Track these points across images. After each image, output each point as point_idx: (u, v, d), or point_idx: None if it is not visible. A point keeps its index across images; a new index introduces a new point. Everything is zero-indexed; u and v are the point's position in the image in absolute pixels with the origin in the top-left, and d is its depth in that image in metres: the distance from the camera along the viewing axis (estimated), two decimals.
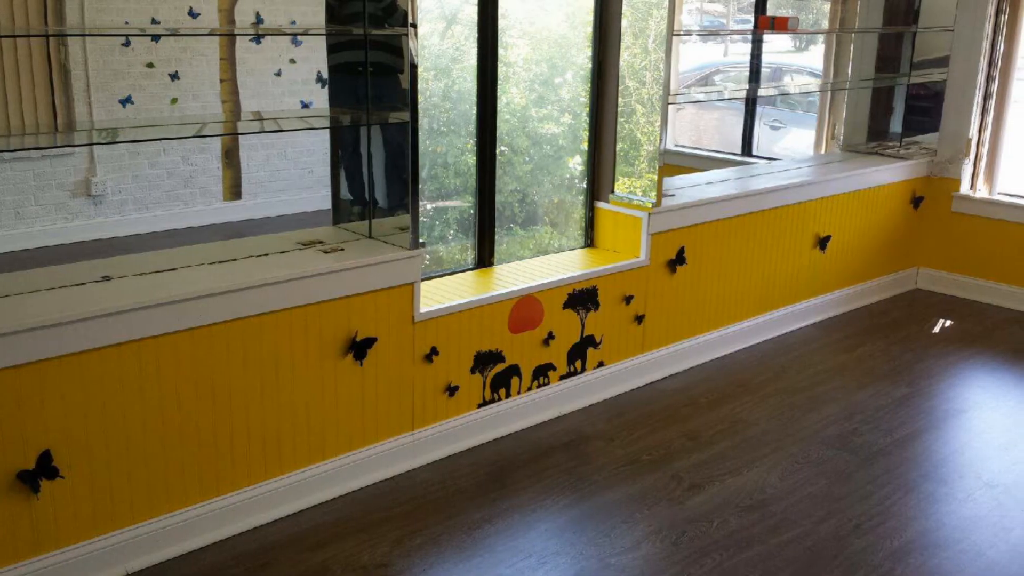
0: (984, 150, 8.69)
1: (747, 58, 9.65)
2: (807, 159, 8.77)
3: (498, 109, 6.04)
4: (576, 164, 6.63)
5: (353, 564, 4.53)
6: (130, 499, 4.39)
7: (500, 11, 5.85)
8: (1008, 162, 8.78)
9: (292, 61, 11.22)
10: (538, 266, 6.19)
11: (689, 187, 7.12)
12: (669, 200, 6.55)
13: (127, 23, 9.92)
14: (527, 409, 5.96)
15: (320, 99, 10.93)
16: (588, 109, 6.51)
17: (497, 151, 6.09)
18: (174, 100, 10.37)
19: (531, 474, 5.41)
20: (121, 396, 4.25)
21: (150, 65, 10.21)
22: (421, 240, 5.18)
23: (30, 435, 4.05)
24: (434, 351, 5.37)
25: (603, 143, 6.52)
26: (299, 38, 11.18)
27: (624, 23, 6.27)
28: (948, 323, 8.15)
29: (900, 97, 8.91)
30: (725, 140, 10.93)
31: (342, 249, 5.06)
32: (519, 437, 5.84)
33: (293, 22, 10.61)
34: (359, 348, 5.01)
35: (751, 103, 9.97)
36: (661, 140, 6.27)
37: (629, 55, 6.31)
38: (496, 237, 6.23)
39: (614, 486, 5.31)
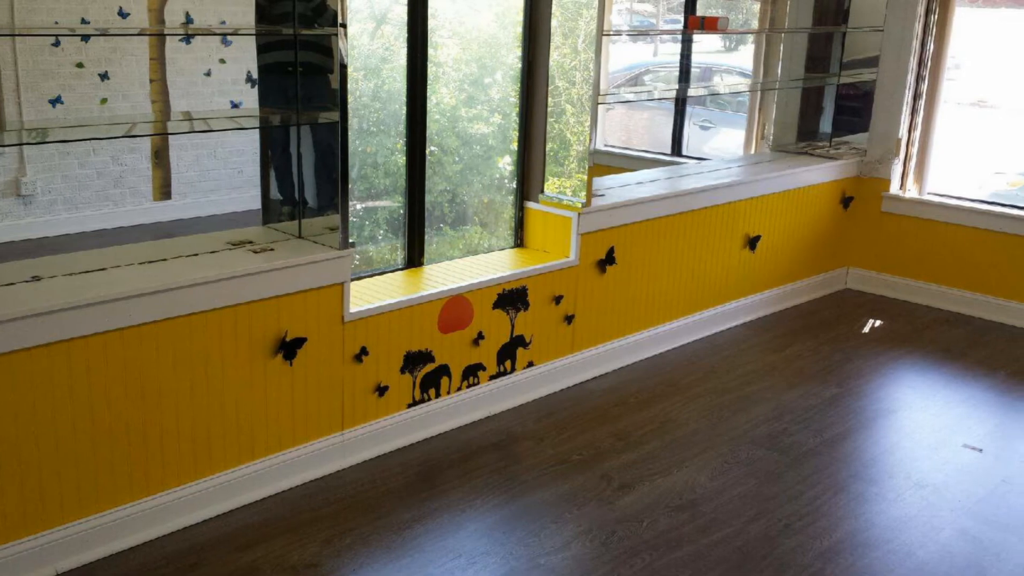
0: (914, 150, 8.79)
1: (677, 58, 9.70)
2: (737, 159, 8.83)
3: (428, 109, 6.04)
4: (506, 164, 6.64)
5: (282, 564, 4.52)
6: (60, 499, 4.36)
7: (430, 11, 5.86)
8: (937, 162, 8.87)
9: (222, 61, 11.15)
10: (468, 266, 6.20)
11: (619, 187, 7.15)
12: (599, 200, 6.57)
13: (57, 23, 9.83)
14: (457, 409, 5.97)
15: (250, 99, 10.85)
16: (518, 109, 6.53)
17: (427, 151, 6.09)
18: (104, 100, 10.28)
19: (461, 474, 5.42)
20: (51, 396, 4.23)
21: (80, 65, 10.13)
22: (351, 240, 5.18)
23: None
24: (364, 351, 5.37)
25: (533, 143, 6.54)
26: (229, 38, 11.11)
27: (554, 23, 6.29)
28: (878, 323, 8.23)
29: (830, 97, 8.99)
30: (655, 140, 11.00)
31: (272, 249, 5.05)
32: (449, 437, 5.85)
33: (223, 22, 10.55)
34: (289, 348, 5.00)
35: (681, 103, 10.02)
36: (591, 140, 6.30)
37: (559, 55, 6.33)
38: (426, 237, 6.23)
39: (544, 486, 5.33)
